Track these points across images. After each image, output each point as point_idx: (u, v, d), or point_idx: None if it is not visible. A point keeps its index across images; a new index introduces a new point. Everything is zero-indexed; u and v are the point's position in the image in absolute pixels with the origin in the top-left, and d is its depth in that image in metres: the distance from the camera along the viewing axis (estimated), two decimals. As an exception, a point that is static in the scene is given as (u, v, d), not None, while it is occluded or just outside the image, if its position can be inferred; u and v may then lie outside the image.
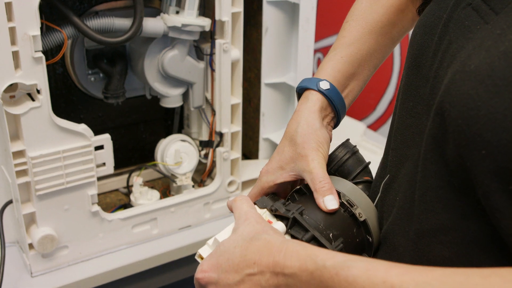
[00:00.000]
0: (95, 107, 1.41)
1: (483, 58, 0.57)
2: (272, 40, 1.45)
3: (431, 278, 0.53)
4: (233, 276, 0.67)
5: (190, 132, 1.47)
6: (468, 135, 0.56)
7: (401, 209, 0.73)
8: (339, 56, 0.89)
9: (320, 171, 0.80)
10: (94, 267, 1.28)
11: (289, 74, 1.50)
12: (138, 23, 1.17)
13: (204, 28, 1.25)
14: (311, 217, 0.76)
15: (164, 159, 1.38)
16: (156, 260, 1.34)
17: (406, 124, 0.75)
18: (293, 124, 0.85)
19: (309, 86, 0.86)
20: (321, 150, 0.82)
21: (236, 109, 1.38)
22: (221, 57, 1.29)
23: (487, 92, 0.55)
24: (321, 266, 0.60)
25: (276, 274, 0.64)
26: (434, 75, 0.67)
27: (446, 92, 0.60)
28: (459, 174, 0.60)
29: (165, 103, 1.37)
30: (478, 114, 0.55)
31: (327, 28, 2.53)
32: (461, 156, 0.58)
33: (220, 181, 1.40)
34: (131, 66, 1.35)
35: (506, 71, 0.54)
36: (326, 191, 0.78)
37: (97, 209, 1.25)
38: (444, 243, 0.64)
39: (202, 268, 0.72)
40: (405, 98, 0.76)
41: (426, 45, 0.72)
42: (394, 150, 0.78)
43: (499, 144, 0.54)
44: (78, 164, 1.18)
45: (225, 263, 0.69)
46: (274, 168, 0.85)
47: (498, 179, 0.55)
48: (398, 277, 0.55)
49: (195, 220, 1.41)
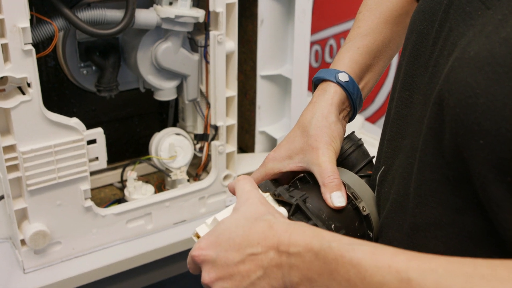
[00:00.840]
0: (88, 101, 1.39)
1: (483, 44, 0.55)
2: (268, 32, 1.42)
3: (437, 265, 0.52)
4: (233, 256, 0.65)
5: (185, 125, 1.45)
6: (466, 124, 0.54)
7: (395, 202, 0.71)
8: (356, 47, 0.87)
9: (329, 166, 0.77)
10: (88, 263, 1.26)
11: (285, 66, 1.48)
12: (130, 14, 1.14)
13: (197, 19, 1.23)
14: (314, 205, 0.75)
15: (159, 153, 1.35)
16: (151, 255, 1.32)
17: (401, 114, 0.74)
18: (308, 115, 0.82)
19: (328, 78, 0.84)
20: (334, 145, 0.80)
21: (231, 102, 1.36)
22: (216, 49, 1.27)
23: (487, 80, 0.53)
24: (326, 246, 0.59)
25: (280, 253, 0.62)
26: (434, 64, 0.65)
27: (445, 80, 0.58)
28: (456, 166, 0.58)
29: (159, 96, 1.34)
30: (476, 102, 0.53)
31: (324, 20, 2.51)
32: (459, 146, 0.56)
33: (215, 175, 1.38)
34: (124, 59, 1.32)
35: (506, 57, 0.52)
36: (334, 187, 0.76)
37: (90, 204, 1.23)
38: (438, 238, 0.63)
39: (199, 246, 0.68)
40: (402, 87, 0.74)
41: (426, 32, 0.69)
42: (389, 141, 0.76)
43: (497, 133, 0.52)
44: (70, 158, 1.16)
45: (226, 242, 0.66)
46: (282, 156, 0.83)
47: (496, 170, 0.53)
48: (404, 262, 0.53)
49: (190, 214, 1.39)
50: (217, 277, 0.66)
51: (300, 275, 0.60)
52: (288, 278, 0.61)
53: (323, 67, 2.59)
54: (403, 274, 0.52)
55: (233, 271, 0.65)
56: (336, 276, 0.57)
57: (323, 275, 0.58)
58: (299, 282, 0.60)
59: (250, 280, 0.63)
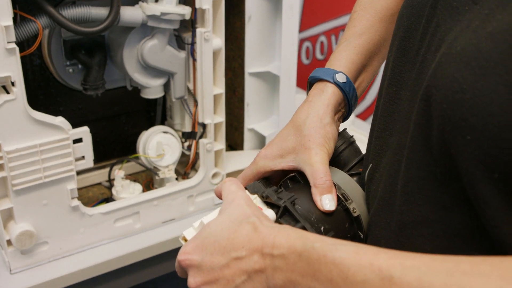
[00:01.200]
0: (75, 99, 1.38)
1: (470, 39, 0.54)
2: (256, 29, 1.42)
3: (420, 262, 0.52)
4: (218, 260, 0.64)
5: (173, 123, 1.44)
6: (453, 120, 0.54)
7: (383, 200, 0.70)
8: (352, 47, 0.86)
9: (321, 167, 0.76)
10: (75, 263, 1.25)
11: (274, 63, 1.47)
12: (115, 12, 1.13)
13: (184, 16, 1.22)
14: (303, 207, 0.74)
15: (146, 151, 1.35)
16: (139, 254, 1.32)
17: (389, 111, 0.73)
18: (302, 114, 0.81)
19: (325, 78, 0.82)
20: (327, 146, 0.79)
21: (219, 99, 1.35)
22: (202, 46, 1.26)
23: (473, 75, 0.52)
24: (310, 247, 0.58)
25: (264, 256, 0.61)
26: (421, 60, 0.65)
27: (432, 76, 0.58)
28: (443, 163, 0.58)
29: (146, 94, 1.33)
30: (463, 98, 0.53)
31: (315, 17, 2.50)
32: (446, 142, 0.56)
33: (203, 173, 1.37)
34: (110, 57, 1.31)
35: (493, 52, 0.52)
36: (325, 189, 0.75)
37: (77, 203, 1.22)
38: (425, 236, 0.62)
39: (185, 250, 0.68)
40: (389, 84, 0.73)
41: (413, 27, 0.69)
42: (376, 138, 0.76)
43: (484, 129, 0.51)
44: (56, 158, 1.15)
45: (211, 245, 0.65)
46: (274, 155, 0.82)
47: (483, 166, 0.52)
48: (386, 260, 0.53)
49: (178, 213, 1.38)
50: (202, 282, 0.65)
51: (283, 278, 0.59)
52: (272, 281, 0.60)
53: (314, 64, 2.58)
54: (385, 272, 0.52)
55: (218, 275, 0.64)
56: (319, 277, 0.56)
57: (307, 276, 0.57)
58: (282, 284, 0.59)
59: (234, 284, 0.63)
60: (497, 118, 0.51)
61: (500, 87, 0.51)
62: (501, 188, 0.53)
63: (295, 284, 0.58)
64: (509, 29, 0.52)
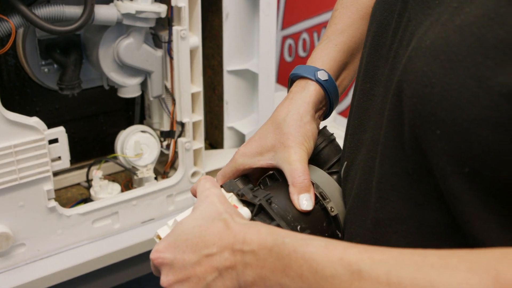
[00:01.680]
0: (51, 99, 1.37)
1: (439, 32, 0.54)
2: (234, 26, 1.41)
3: (389, 256, 0.51)
4: (189, 257, 0.63)
5: (152, 122, 1.43)
6: (423, 115, 0.53)
7: (357, 197, 0.70)
8: (333, 44, 0.85)
9: (300, 166, 0.75)
10: (54, 265, 1.24)
11: (253, 60, 1.46)
12: (89, 11, 1.12)
13: (159, 14, 1.21)
14: (280, 206, 0.73)
15: (124, 151, 1.34)
16: (119, 255, 1.31)
17: (363, 107, 0.72)
18: (283, 111, 0.80)
19: (306, 75, 0.81)
20: (306, 145, 0.78)
21: (197, 97, 1.35)
22: (179, 45, 1.25)
23: (442, 68, 0.52)
24: (280, 242, 0.58)
25: (235, 252, 0.60)
26: (393, 55, 0.64)
27: (403, 71, 0.57)
28: (415, 159, 0.57)
29: (123, 93, 1.32)
30: (432, 92, 0.52)
31: (297, 14, 2.49)
32: (417, 138, 0.55)
33: (182, 172, 1.36)
34: (86, 56, 1.30)
35: (461, 45, 0.51)
36: (303, 188, 0.74)
37: (54, 204, 1.21)
38: (400, 233, 0.61)
39: (157, 248, 0.67)
40: (363, 80, 0.72)
41: (386, 22, 0.68)
42: (351, 135, 0.75)
43: (453, 123, 0.51)
44: (31, 158, 1.14)
45: (183, 243, 0.64)
46: (253, 152, 0.81)
47: (453, 161, 0.52)
48: (355, 255, 0.53)
49: (158, 213, 1.37)
50: (174, 280, 0.65)
51: (253, 274, 0.59)
52: (242, 278, 0.59)
53: (297, 61, 2.57)
54: (354, 266, 0.52)
55: (190, 273, 0.63)
56: (289, 272, 0.56)
57: (277, 272, 0.57)
58: (253, 281, 0.59)
59: (206, 282, 0.62)
60: (466, 112, 0.50)
61: (468, 81, 0.50)
62: (472, 183, 0.52)
63: (266, 280, 0.58)
64: (477, 22, 0.51)
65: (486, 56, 0.50)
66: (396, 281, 0.49)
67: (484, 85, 0.49)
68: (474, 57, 0.50)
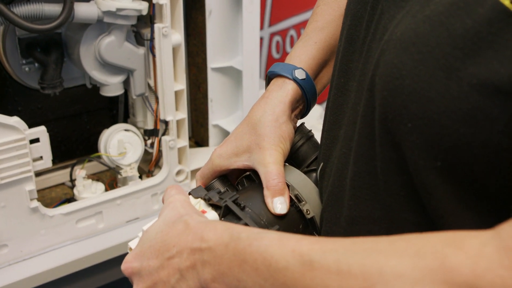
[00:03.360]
0: (34, 99, 1.35)
1: (408, 24, 0.53)
2: (217, 23, 1.40)
3: (339, 245, 0.52)
4: (154, 263, 0.64)
5: (136, 121, 1.42)
6: (394, 108, 0.53)
7: (332, 194, 0.69)
8: (313, 42, 0.84)
9: (275, 168, 0.74)
10: (37, 265, 1.23)
11: (237, 58, 1.46)
12: (69, 9, 1.11)
13: (141, 12, 1.20)
14: (255, 210, 0.72)
15: (108, 150, 1.32)
16: (103, 254, 1.29)
17: (337, 103, 0.71)
18: (258, 111, 0.79)
19: (283, 74, 0.80)
20: (282, 146, 0.77)
21: (180, 95, 1.34)
22: (161, 42, 1.24)
23: (412, 60, 0.51)
24: (235, 237, 0.58)
25: (193, 251, 0.60)
26: (367, 49, 0.63)
27: (376, 65, 0.56)
28: (384, 157, 0.57)
29: (105, 92, 1.31)
30: (402, 84, 0.52)
31: (284, 10, 2.48)
32: (388, 133, 0.55)
33: (167, 170, 1.35)
34: (68, 54, 1.29)
35: (430, 36, 0.51)
36: (277, 192, 0.73)
37: (36, 205, 1.20)
38: (373, 232, 0.61)
39: (126, 259, 0.68)
40: (338, 74, 0.71)
41: (359, 15, 0.67)
42: (327, 131, 0.74)
43: (424, 116, 0.50)
44: (12, 158, 1.13)
45: (148, 250, 0.65)
46: (229, 154, 0.80)
47: (425, 154, 0.52)
48: (307, 246, 0.53)
49: (143, 212, 1.36)
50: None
51: (212, 271, 0.59)
52: (202, 277, 0.59)
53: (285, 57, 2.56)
54: (305, 257, 0.52)
55: (156, 279, 0.63)
56: (245, 267, 0.56)
57: (234, 267, 0.57)
58: (212, 278, 0.58)
59: (170, 285, 0.62)
60: (437, 104, 0.50)
61: (438, 72, 0.50)
62: (444, 177, 0.52)
63: (224, 277, 0.57)
64: (446, 11, 0.51)
65: (455, 46, 0.49)
66: (345, 268, 0.49)
67: (454, 76, 0.49)
68: (443, 48, 0.50)
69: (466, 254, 0.45)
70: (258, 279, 0.55)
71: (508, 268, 0.43)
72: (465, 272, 0.45)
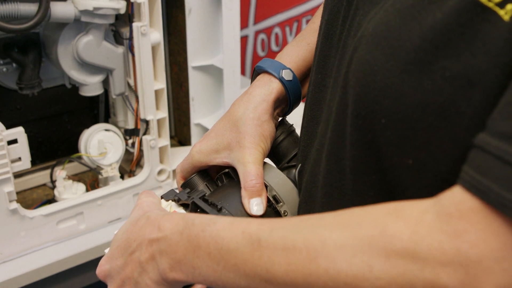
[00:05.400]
0: (12, 99, 1.34)
1: (380, 18, 0.53)
2: (197, 21, 1.39)
3: (287, 223, 0.53)
4: (120, 262, 0.64)
5: (117, 120, 1.41)
6: (367, 104, 0.52)
7: (306, 191, 0.69)
8: (306, 43, 0.83)
9: (253, 168, 0.74)
10: (18, 267, 1.22)
11: (218, 56, 1.45)
12: (44, 8, 1.10)
13: (118, 11, 1.19)
14: (231, 210, 0.72)
15: (88, 150, 1.32)
16: (85, 255, 1.29)
17: (315, 99, 0.71)
18: (240, 108, 0.78)
19: (270, 71, 0.79)
20: (262, 145, 0.76)
21: (160, 94, 1.33)
22: (140, 41, 1.23)
23: (383, 55, 0.51)
24: (190, 224, 0.59)
25: (151, 242, 0.61)
26: (342, 45, 0.63)
27: (349, 62, 0.56)
28: (353, 156, 0.56)
29: (84, 92, 1.30)
30: (374, 80, 0.51)
31: (268, 8, 2.48)
32: (360, 130, 0.54)
33: (148, 170, 1.35)
34: (46, 54, 1.28)
35: (401, 30, 0.50)
36: (255, 193, 0.73)
37: (15, 206, 1.18)
38: None
39: (99, 264, 0.69)
40: (316, 70, 0.71)
41: (336, 10, 0.66)
42: (305, 128, 0.74)
43: (397, 110, 0.50)
44: (-11, 160, 1.12)
45: (115, 251, 0.66)
46: (209, 150, 0.79)
47: (399, 151, 0.51)
48: (256, 226, 0.54)
49: (125, 212, 1.35)
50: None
51: (169, 260, 0.59)
52: (160, 266, 0.59)
53: (270, 55, 2.56)
54: (254, 237, 0.53)
55: (123, 277, 0.64)
56: (199, 253, 0.56)
57: (188, 254, 0.57)
58: (169, 267, 0.59)
59: (134, 280, 0.62)
60: (410, 98, 0.49)
61: (409, 66, 0.49)
62: (416, 175, 0.52)
63: (181, 264, 0.58)
64: (417, 4, 0.50)
65: (425, 39, 0.49)
66: (291, 244, 0.51)
67: (427, 70, 0.48)
68: (414, 41, 0.49)
69: (405, 221, 0.46)
70: (212, 263, 0.55)
71: (446, 233, 0.44)
72: (404, 238, 0.45)
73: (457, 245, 0.43)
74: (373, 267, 0.46)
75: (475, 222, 0.43)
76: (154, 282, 0.61)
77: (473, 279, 0.43)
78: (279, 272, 0.51)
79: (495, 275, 0.42)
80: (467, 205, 0.44)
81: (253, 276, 0.53)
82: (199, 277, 0.57)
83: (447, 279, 0.43)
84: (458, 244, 0.43)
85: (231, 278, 0.55)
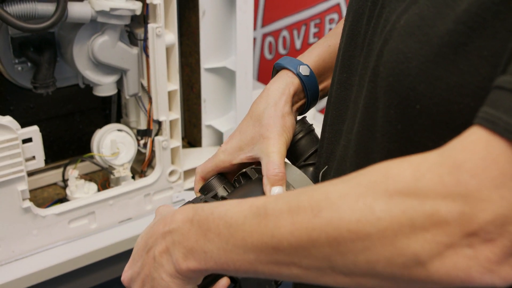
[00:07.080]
0: (26, 98, 1.35)
1: (413, 10, 0.54)
2: (210, 23, 1.40)
3: (291, 193, 0.54)
4: (139, 263, 0.65)
5: (129, 121, 1.42)
6: (400, 92, 0.53)
7: None
8: (327, 44, 0.84)
9: (277, 158, 0.75)
10: (29, 266, 1.22)
11: (230, 58, 1.45)
12: (62, 8, 1.10)
13: (134, 12, 1.20)
14: None
15: (100, 150, 1.32)
16: (96, 255, 1.29)
17: (340, 98, 0.72)
18: (261, 104, 0.79)
19: (288, 67, 0.81)
20: (285, 136, 0.77)
21: (173, 96, 1.33)
22: (155, 42, 1.24)
23: (418, 42, 0.52)
24: (199, 210, 0.59)
25: (164, 235, 0.61)
26: (368, 43, 0.64)
27: (378, 56, 0.57)
28: (387, 147, 0.57)
29: (98, 92, 1.31)
30: (409, 66, 0.52)
31: (277, 11, 2.48)
32: (393, 119, 0.55)
33: (160, 171, 1.35)
34: (61, 54, 1.28)
35: (435, 17, 0.51)
36: (277, 181, 0.73)
37: (28, 205, 1.19)
38: None
39: (124, 271, 0.69)
40: (340, 70, 0.72)
41: (361, 11, 0.68)
42: (330, 126, 0.75)
43: (433, 95, 0.51)
44: (4, 158, 1.12)
45: (136, 255, 0.67)
46: (233, 148, 0.80)
47: (434, 136, 0.52)
48: (264, 199, 0.55)
49: (135, 212, 1.36)
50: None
51: (182, 249, 0.59)
52: (174, 257, 0.60)
53: (277, 59, 2.56)
54: (261, 209, 0.54)
55: (143, 277, 0.64)
56: (210, 235, 0.57)
57: (199, 240, 0.57)
58: (183, 257, 0.59)
59: (152, 277, 0.63)
60: (445, 80, 0.50)
61: (444, 49, 0.50)
62: None
63: (193, 252, 0.58)
64: None
65: (458, 22, 0.49)
66: (295, 205, 0.51)
67: (462, 51, 0.49)
68: (448, 25, 0.50)
69: (409, 162, 0.47)
70: (221, 243, 0.56)
71: (447, 166, 0.44)
72: (406, 177, 0.46)
73: (457, 176, 0.43)
74: (375, 208, 0.46)
75: (475, 152, 0.43)
76: (169, 275, 0.61)
77: (471, 209, 0.42)
78: (285, 234, 0.51)
79: (493, 203, 0.42)
80: (472, 138, 0.44)
81: (261, 247, 0.53)
82: (211, 262, 0.57)
83: (446, 212, 0.43)
84: (457, 175, 0.43)
85: (241, 254, 0.54)
